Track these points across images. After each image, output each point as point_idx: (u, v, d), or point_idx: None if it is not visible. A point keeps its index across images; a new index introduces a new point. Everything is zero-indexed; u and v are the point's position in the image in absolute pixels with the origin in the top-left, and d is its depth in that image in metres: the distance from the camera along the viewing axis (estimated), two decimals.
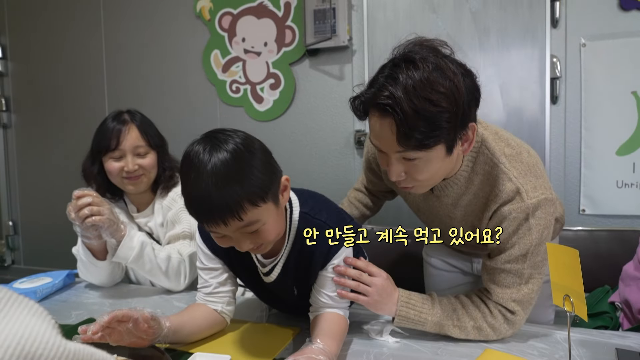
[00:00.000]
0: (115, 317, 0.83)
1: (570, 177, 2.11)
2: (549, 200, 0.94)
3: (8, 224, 3.16)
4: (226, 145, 0.80)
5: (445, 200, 1.04)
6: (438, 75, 0.82)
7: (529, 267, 0.94)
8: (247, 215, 0.80)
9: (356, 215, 1.40)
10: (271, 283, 1.02)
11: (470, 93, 0.86)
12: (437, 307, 0.97)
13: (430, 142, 0.85)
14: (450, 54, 0.88)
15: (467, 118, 0.87)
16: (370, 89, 0.87)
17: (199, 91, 2.61)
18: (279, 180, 0.87)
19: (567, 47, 2.06)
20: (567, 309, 0.66)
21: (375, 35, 2.27)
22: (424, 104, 0.81)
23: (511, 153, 0.97)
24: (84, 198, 1.14)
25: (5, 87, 3.09)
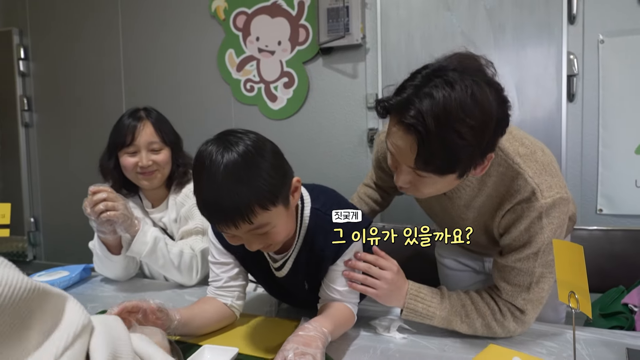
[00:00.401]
0: (125, 308, 0.85)
1: (587, 177, 2.08)
2: (564, 200, 0.92)
3: (30, 220, 3.24)
4: (238, 147, 0.80)
5: (458, 201, 1.03)
6: (473, 105, 0.78)
7: (540, 266, 0.94)
8: (258, 218, 0.81)
9: (366, 210, 1.41)
10: (283, 278, 1.03)
11: (500, 125, 0.83)
12: (446, 301, 0.97)
13: (445, 170, 0.85)
14: (492, 75, 0.85)
15: (488, 149, 0.85)
16: (397, 96, 0.84)
17: (213, 90, 2.64)
18: (290, 182, 0.87)
19: (584, 43, 2.03)
20: (572, 306, 0.66)
21: (388, 34, 2.27)
22: (451, 135, 0.78)
23: (525, 152, 0.96)
24: (99, 194, 1.17)
25: (27, 87, 3.16)
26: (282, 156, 0.88)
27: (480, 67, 0.84)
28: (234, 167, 0.78)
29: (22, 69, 3.12)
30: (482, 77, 0.82)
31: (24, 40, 3.13)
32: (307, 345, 0.80)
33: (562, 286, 0.68)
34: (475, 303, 0.98)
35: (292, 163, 0.87)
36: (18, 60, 3.10)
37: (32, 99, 3.16)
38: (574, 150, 2.08)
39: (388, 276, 0.95)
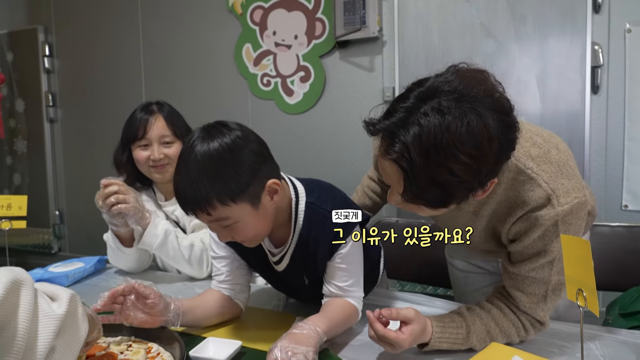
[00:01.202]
0: (116, 291, 0.89)
1: (612, 171, 2.01)
2: (581, 204, 0.85)
3: (55, 213, 3.32)
4: (214, 140, 0.82)
5: (467, 208, 0.95)
6: (467, 138, 0.70)
7: (556, 274, 0.88)
8: (217, 211, 0.83)
9: (369, 204, 1.38)
10: (282, 272, 1.02)
11: (502, 153, 0.76)
12: (472, 337, 0.89)
13: (438, 204, 0.79)
14: (500, 94, 0.76)
15: (488, 179, 0.78)
16: (385, 119, 0.76)
17: (230, 85, 2.65)
18: (262, 183, 0.86)
19: (610, 33, 1.95)
20: (580, 304, 0.63)
21: (406, 26, 2.23)
22: (441, 172, 0.72)
23: (538, 153, 0.87)
24: (110, 186, 1.18)
25: (52, 83, 3.23)
26: (261, 156, 0.87)
27: (486, 87, 0.75)
28: (202, 158, 0.81)
29: (47, 65, 3.19)
30: (485, 101, 0.73)
31: (49, 37, 3.19)
32: (299, 343, 0.79)
33: (570, 283, 0.65)
34: (500, 325, 0.90)
35: (308, 157, 0.87)
36: (43, 57, 3.17)
37: (56, 95, 3.23)
38: (598, 144, 2.01)
39: (403, 341, 0.84)
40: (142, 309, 0.90)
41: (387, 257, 1.37)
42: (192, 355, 0.83)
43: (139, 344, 0.87)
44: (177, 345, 0.82)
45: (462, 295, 1.33)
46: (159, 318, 0.91)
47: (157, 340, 0.89)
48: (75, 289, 1.29)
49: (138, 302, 0.90)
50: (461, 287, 1.32)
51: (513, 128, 0.77)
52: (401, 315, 0.83)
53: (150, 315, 0.90)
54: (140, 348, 0.85)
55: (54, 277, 1.27)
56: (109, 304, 0.89)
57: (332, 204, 0.96)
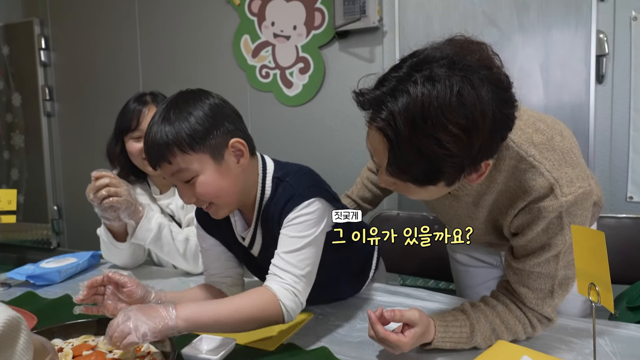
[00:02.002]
0: (95, 281, 0.89)
1: (617, 162, 1.98)
2: (586, 194, 0.81)
3: (53, 208, 3.29)
4: (183, 94, 0.88)
5: (466, 199, 0.91)
6: (458, 107, 0.66)
7: (563, 268, 0.84)
8: (176, 159, 0.84)
9: (369, 197, 1.34)
10: (260, 258, 0.99)
11: (496, 130, 0.71)
12: (476, 336, 0.85)
13: (425, 181, 0.74)
14: (498, 68, 0.72)
15: (482, 158, 0.73)
16: (376, 89, 0.73)
17: (229, 77, 2.61)
18: (224, 139, 0.87)
19: (615, 21, 1.91)
20: (592, 299, 0.59)
21: (406, 15, 2.18)
22: (428, 142, 0.67)
23: (541, 140, 0.82)
24: (101, 179, 1.15)
25: (49, 77, 3.20)
26: (228, 116, 0.90)
27: (481, 57, 0.71)
28: (168, 109, 0.86)
29: (43, 59, 3.16)
30: (479, 72, 0.69)
31: (45, 30, 3.16)
32: (146, 315, 0.75)
33: (581, 277, 0.61)
34: (506, 322, 0.86)
35: (308, 149, 0.84)
36: (39, 50, 3.14)
37: (53, 88, 3.21)
38: (602, 134, 1.98)
39: (405, 348, 0.80)
40: (122, 298, 0.89)
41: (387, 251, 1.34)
42: (184, 353, 0.80)
43: None
44: (168, 342, 0.78)
45: (464, 289, 1.29)
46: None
47: None
48: (68, 285, 1.27)
49: (117, 291, 0.89)
50: (463, 281, 1.29)
51: (510, 104, 0.73)
52: (405, 317, 0.80)
53: (130, 304, 0.88)
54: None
55: (46, 273, 1.24)
56: (91, 295, 0.88)
57: (294, 178, 0.93)
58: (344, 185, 1.41)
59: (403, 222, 1.63)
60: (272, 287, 0.86)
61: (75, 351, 0.80)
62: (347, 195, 1.36)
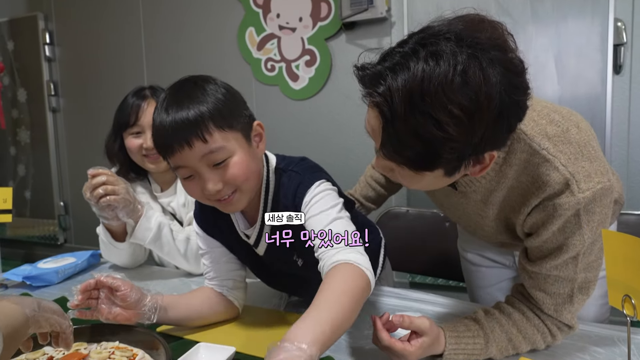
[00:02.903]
0: (88, 285, 0.85)
1: (635, 156, 1.92)
2: (606, 190, 0.74)
3: (59, 204, 3.29)
4: (197, 79, 0.82)
5: (474, 196, 0.85)
6: (461, 86, 0.61)
7: (582, 271, 0.78)
8: (213, 137, 0.77)
9: (372, 196, 1.29)
10: (266, 256, 0.94)
11: (504, 117, 0.65)
12: (491, 347, 0.79)
13: (420, 166, 0.67)
14: (512, 50, 0.66)
15: (485, 147, 0.67)
16: (378, 64, 0.68)
17: (234, 70, 2.57)
18: (251, 120, 0.84)
19: (634, 9, 1.85)
20: (628, 313, 0.54)
21: (415, 5, 2.13)
22: (426, 122, 0.62)
23: (556, 132, 0.76)
24: (98, 177, 1.11)
25: (54, 72, 3.19)
26: (240, 95, 0.86)
27: (495, 38, 0.65)
28: (188, 90, 0.80)
29: (48, 54, 3.14)
30: (490, 52, 0.63)
31: (49, 25, 3.14)
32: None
33: (613, 287, 0.55)
34: (524, 331, 0.80)
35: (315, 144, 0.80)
36: (44, 45, 3.12)
37: (58, 83, 3.19)
38: (620, 127, 1.91)
39: (410, 358, 0.75)
40: (117, 302, 0.85)
41: (394, 249, 1.29)
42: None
43: (122, 350, 0.80)
44: (163, 351, 0.74)
45: (475, 290, 1.24)
46: (133, 311, 0.85)
47: (143, 345, 0.81)
48: (66, 287, 1.23)
49: (111, 295, 0.85)
50: (474, 282, 1.23)
51: (521, 91, 0.66)
52: (414, 325, 0.74)
53: (124, 309, 0.85)
54: (123, 356, 0.77)
55: (43, 274, 1.20)
56: (85, 300, 0.85)
57: (297, 166, 0.90)
58: (353, 181, 1.36)
59: (413, 219, 1.58)
60: (341, 258, 0.75)
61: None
62: (350, 194, 1.31)
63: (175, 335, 0.91)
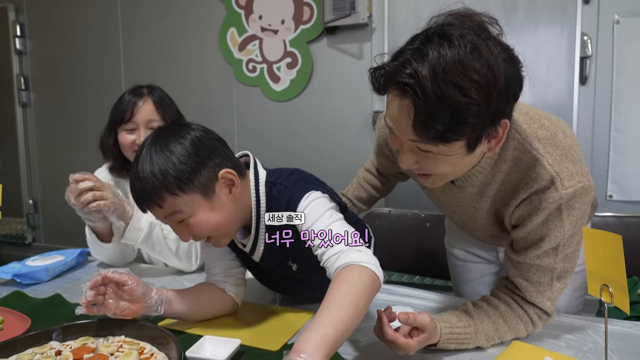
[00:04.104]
0: (96, 281, 0.88)
1: (598, 162, 2.03)
2: (586, 189, 0.84)
3: (28, 202, 3.20)
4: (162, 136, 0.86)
5: (470, 190, 0.94)
6: (474, 59, 0.71)
7: (561, 261, 0.87)
8: (166, 203, 0.83)
9: (364, 197, 1.35)
10: (263, 262, 0.98)
11: (511, 85, 0.74)
12: (480, 337, 0.86)
13: (450, 135, 0.74)
14: (497, 34, 0.76)
15: (500, 114, 0.75)
16: (393, 61, 0.76)
17: (215, 70, 2.58)
18: (213, 172, 0.86)
19: (599, 24, 1.96)
20: (605, 300, 0.61)
21: (396, 12, 2.20)
22: (451, 90, 0.70)
23: (545, 136, 0.86)
24: (84, 182, 1.11)
25: (24, 65, 3.10)
26: (211, 147, 0.87)
27: (482, 23, 0.76)
28: (149, 153, 0.84)
29: (19, 47, 3.06)
30: (485, 33, 0.74)
31: (20, 17, 3.06)
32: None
33: (592, 278, 0.63)
34: (509, 322, 0.88)
35: (295, 146, 0.83)
36: (14, 37, 3.04)
37: (29, 78, 3.11)
38: (585, 134, 2.03)
39: (411, 351, 0.81)
40: (124, 297, 0.88)
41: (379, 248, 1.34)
42: (189, 355, 0.78)
43: (130, 344, 0.82)
44: (173, 345, 0.77)
45: (460, 284, 1.32)
46: (140, 304, 0.88)
47: (149, 339, 0.84)
48: (56, 284, 1.23)
49: (118, 290, 0.88)
50: (460, 276, 1.31)
51: (517, 61, 0.76)
52: (417, 321, 0.80)
53: (131, 302, 0.88)
54: (132, 349, 0.79)
55: (32, 272, 1.20)
56: (95, 296, 0.87)
57: (286, 179, 0.93)
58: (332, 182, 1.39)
59: (395, 220, 1.64)
60: (347, 260, 0.78)
61: (75, 354, 0.77)
62: (342, 194, 1.36)
63: (178, 329, 0.94)
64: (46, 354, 0.78)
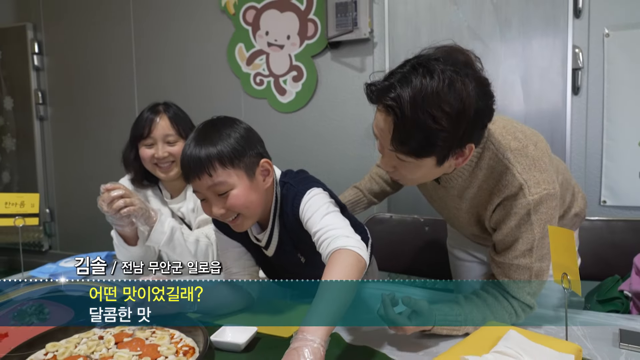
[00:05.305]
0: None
1: (591, 169, 2.11)
2: (551, 196, 0.95)
3: (45, 211, 3.31)
4: (219, 119, 1.00)
5: (452, 191, 1.06)
6: (449, 93, 0.83)
7: (537, 261, 0.97)
8: (217, 173, 0.95)
9: (376, 190, 1.46)
10: (275, 257, 1.10)
11: (479, 117, 0.87)
12: (469, 324, 0.97)
13: (421, 153, 0.88)
14: (479, 70, 0.89)
15: (466, 139, 0.88)
16: (385, 81, 0.90)
17: (223, 83, 2.69)
18: (257, 159, 1.00)
19: (589, 37, 2.05)
20: (565, 286, 0.72)
21: (396, 28, 2.30)
22: (425, 117, 0.83)
23: (517, 147, 0.98)
24: (115, 190, 1.23)
25: (42, 81, 3.23)
26: (257, 140, 1.03)
27: (468, 61, 0.88)
28: (206, 130, 0.98)
29: (37, 63, 3.19)
30: (466, 69, 0.86)
31: (38, 35, 3.19)
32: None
33: (556, 269, 0.73)
34: (495, 312, 0.98)
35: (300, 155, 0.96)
36: (32, 54, 3.17)
37: (46, 92, 3.23)
38: (578, 142, 2.11)
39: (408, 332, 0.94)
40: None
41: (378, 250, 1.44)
42: (213, 339, 0.89)
43: (161, 330, 0.93)
44: (200, 331, 0.88)
45: (461, 283, 1.42)
46: None
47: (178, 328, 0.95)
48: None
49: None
50: (460, 275, 1.41)
51: (489, 96, 0.88)
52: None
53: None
54: (164, 334, 0.91)
55: (66, 272, 1.32)
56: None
57: (294, 178, 1.07)
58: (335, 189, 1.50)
59: (395, 224, 1.74)
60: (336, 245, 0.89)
61: (116, 338, 0.89)
62: (355, 186, 1.49)
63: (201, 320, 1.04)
64: (90, 338, 0.90)
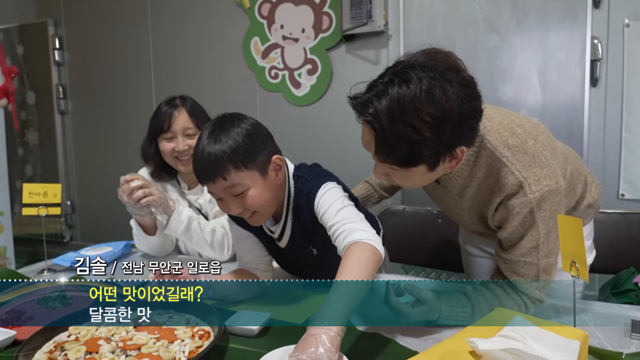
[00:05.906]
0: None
1: (609, 162, 2.07)
2: (553, 191, 0.93)
3: (66, 203, 3.39)
4: (224, 118, 0.99)
5: (452, 190, 1.05)
6: (428, 101, 0.81)
7: (544, 257, 0.97)
8: (231, 176, 0.95)
9: (386, 184, 1.47)
10: (287, 248, 1.12)
11: (465, 120, 0.84)
12: (477, 315, 0.96)
13: (408, 163, 0.87)
14: (463, 70, 0.86)
15: (455, 143, 0.86)
16: (366, 93, 0.87)
17: (239, 77, 2.71)
18: (268, 156, 1.00)
19: (609, 27, 2.00)
20: (573, 274, 0.72)
21: (411, 20, 2.29)
22: (405, 129, 0.81)
23: (515, 143, 0.95)
24: (134, 181, 1.26)
25: (63, 76, 3.29)
26: (267, 137, 1.03)
27: (448, 63, 0.85)
28: (214, 131, 0.97)
29: (57, 58, 3.24)
30: (446, 74, 0.83)
31: (59, 31, 3.24)
32: (304, 350, 0.71)
33: (565, 257, 0.74)
34: (503, 304, 0.97)
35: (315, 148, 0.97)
36: (53, 50, 3.22)
37: (67, 87, 3.29)
38: (596, 135, 2.08)
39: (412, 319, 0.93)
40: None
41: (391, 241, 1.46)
42: (228, 324, 0.92)
43: (177, 315, 0.96)
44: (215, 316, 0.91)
45: (472, 278, 1.42)
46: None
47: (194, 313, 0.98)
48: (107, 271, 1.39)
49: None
50: (472, 270, 1.41)
51: (474, 98, 0.86)
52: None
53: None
54: (180, 319, 0.94)
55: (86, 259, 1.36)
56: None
57: (308, 172, 1.08)
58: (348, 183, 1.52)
59: (409, 217, 1.75)
60: (353, 238, 0.90)
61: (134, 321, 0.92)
62: (366, 181, 1.50)
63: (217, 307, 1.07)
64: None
